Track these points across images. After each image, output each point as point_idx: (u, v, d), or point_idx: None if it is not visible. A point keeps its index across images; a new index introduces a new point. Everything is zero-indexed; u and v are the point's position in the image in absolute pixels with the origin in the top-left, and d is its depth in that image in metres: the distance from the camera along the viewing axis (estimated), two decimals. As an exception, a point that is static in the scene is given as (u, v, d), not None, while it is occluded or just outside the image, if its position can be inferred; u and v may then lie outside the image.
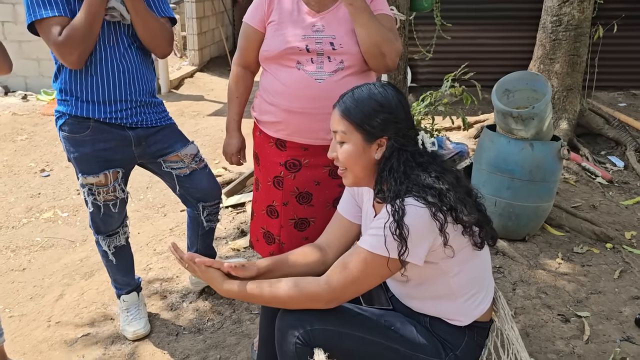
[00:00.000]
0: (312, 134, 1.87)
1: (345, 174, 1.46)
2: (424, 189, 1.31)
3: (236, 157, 2.14)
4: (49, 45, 1.86)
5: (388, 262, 1.31)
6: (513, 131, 2.85)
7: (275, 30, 1.85)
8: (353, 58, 1.82)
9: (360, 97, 1.41)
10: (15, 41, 6.85)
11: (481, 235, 1.39)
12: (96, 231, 2.22)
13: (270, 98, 1.90)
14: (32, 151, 4.88)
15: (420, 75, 6.64)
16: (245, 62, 2.01)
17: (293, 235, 1.99)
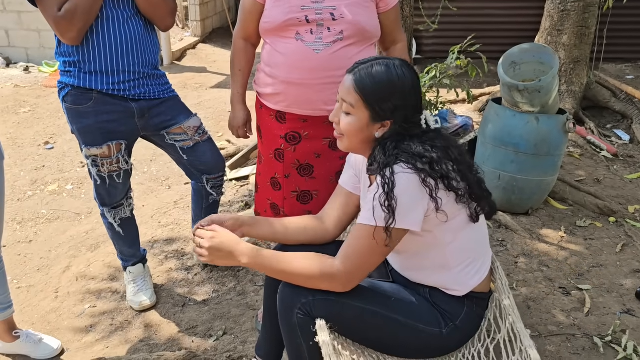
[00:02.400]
0: (311, 105, 1.87)
1: (342, 139, 1.46)
2: (414, 157, 1.31)
3: (242, 130, 2.14)
4: (48, 21, 1.85)
5: (374, 232, 1.31)
6: (519, 104, 2.82)
7: (275, 2, 1.83)
8: (353, 28, 1.80)
9: (377, 75, 1.37)
10: (15, 12, 6.78)
11: (477, 209, 1.40)
12: (101, 203, 2.23)
13: (270, 70, 1.89)
14: (36, 124, 4.88)
15: (425, 47, 6.56)
16: (245, 35, 1.99)
17: (296, 208, 2.01)
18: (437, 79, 3.96)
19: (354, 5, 1.80)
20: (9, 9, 6.78)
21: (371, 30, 1.85)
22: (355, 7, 1.80)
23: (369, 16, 1.84)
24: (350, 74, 1.40)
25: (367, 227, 1.33)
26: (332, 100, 1.84)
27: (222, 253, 1.40)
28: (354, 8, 1.80)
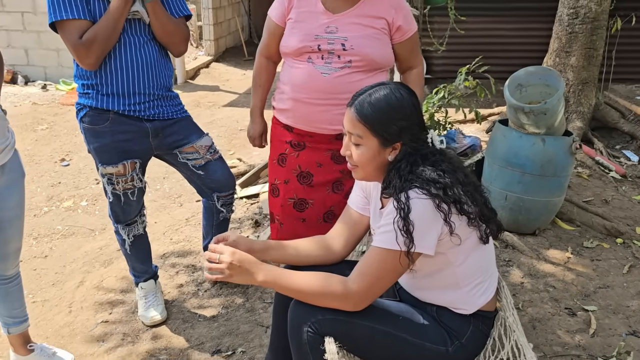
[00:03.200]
0: (316, 124, 1.98)
1: (357, 170, 1.51)
2: (428, 182, 1.36)
3: (259, 140, 2.29)
4: (68, 47, 1.93)
5: (400, 257, 1.36)
6: (525, 126, 2.87)
7: (292, 29, 1.95)
8: (362, 59, 1.89)
9: (377, 103, 1.42)
10: (35, 31, 6.98)
11: (486, 230, 1.44)
12: (115, 220, 2.30)
13: (283, 87, 2.03)
14: (53, 141, 4.99)
15: (435, 67, 6.63)
16: (267, 53, 2.13)
17: (291, 215, 2.10)
18: (445, 100, 4.02)
19: (366, 38, 1.88)
20: (28, 29, 6.98)
21: (381, 61, 1.93)
22: (366, 39, 1.88)
23: (380, 48, 1.92)
24: (351, 107, 1.45)
25: (384, 250, 1.37)
26: (336, 120, 1.92)
27: (241, 269, 1.43)
28: (365, 40, 1.88)
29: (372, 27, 1.91)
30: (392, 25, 1.93)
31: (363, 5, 1.91)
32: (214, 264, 1.43)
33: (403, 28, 1.95)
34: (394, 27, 1.94)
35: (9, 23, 6.94)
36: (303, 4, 1.95)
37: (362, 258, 1.44)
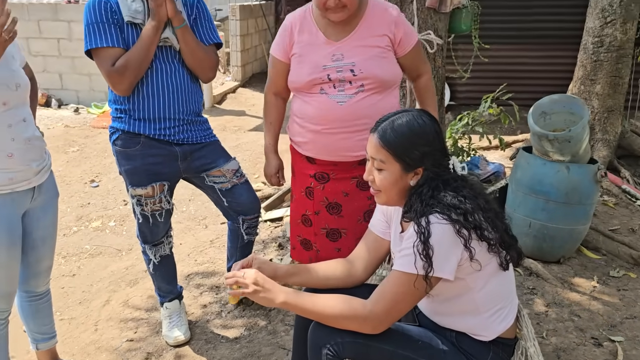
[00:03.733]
0: (338, 152, 1.99)
1: (379, 194, 1.53)
2: (449, 208, 1.38)
3: (275, 177, 2.28)
4: (102, 73, 2.02)
5: (419, 281, 1.37)
6: (549, 153, 2.86)
7: (298, 63, 1.98)
8: (373, 81, 1.92)
9: (399, 128, 1.45)
10: (69, 57, 7.24)
11: (507, 257, 1.45)
12: (143, 240, 2.36)
13: (299, 120, 2.04)
14: (83, 162, 5.14)
15: (459, 93, 6.66)
16: (275, 90, 2.16)
17: (326, 245, 2.10)
18: (469, 126, 4.04)
19: (372, 59, 1.91)
20: (63, 54, 7.25)
21: (391, 78, 1.96)
22: (373, 60, 1.91)
23: (388, 66, 1.95)
24: (374, 132, 1.49)
25: (404, 274, 1.39)
26: (358, 146, 1.95)
27: (263, 289, 1.46)
28: (372, 62, 1.91)
29: (376, 46, 1.94)
30: (394, 40, 1.97)
31: (362, 27, 1.94)
32: (239, 279, 1.47)
33: (405, 41, 1.98)
34: (396, 42, 1.97)
35: (46, 49, 7.22)
36: (304, 38, 1.98)
37: (382, 281, 1.46)
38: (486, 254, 1.41)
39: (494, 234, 1.41)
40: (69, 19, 7.08)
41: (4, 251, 1.74)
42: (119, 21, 2.01)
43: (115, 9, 2.00)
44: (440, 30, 3.18)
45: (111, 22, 1.99)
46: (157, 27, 1.99)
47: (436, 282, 1.40)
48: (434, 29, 3.11)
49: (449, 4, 3.07)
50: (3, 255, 1.74)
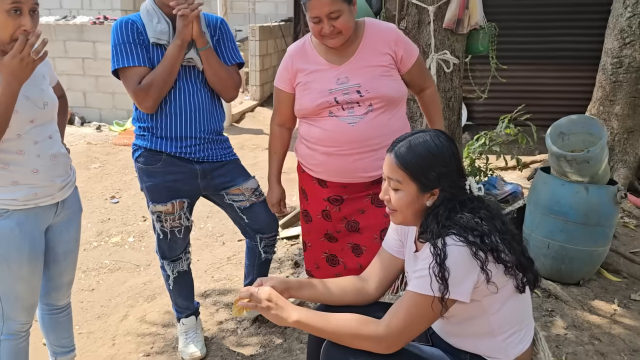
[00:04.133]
0: (350, 174, 2.00)
1: (395, 214, 1.54)
2: (465, 229, 1.37)
3: (277, 206, 2.30)
4: (128, 91, 2.07)
5: (433, 302, 1.37)
6: (567, 174, 2.85)
7: (303, 91, 2.01)
8: (381, 99, 1.94)
9: (416, 149, 1.46)
10: (93, 76, 7.41)
11: (523, 279, 1.44)
12: (162, 256, 2.39)
13: (308, 143, 2.06)
14: (104, 179, 5.23)
15: (476, 113, 6.65)
16: (280, 121, 2.20)
17: (352, 260, 2.12)
18: (486, 146, 4.03)
19: (377, 78, 1.94)
20: (88, 73, 7.43)
21: (397, 95, 1.98)
22: (378, 79, 1.94)
23: (393, 84, 1.98)
24: (391, 152, 1.49)
25: (419, 295, 1.39)
26: (371, 167, 1.97)
27: (276, 306, 1.47)
28: (377, 81, 1.93)
29: (380, 65, 1.96)
30: (396, 58, 1.99)
31: (363, 49, 1.97)
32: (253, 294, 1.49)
33: (406, 57, 2.01)
34: (398, 60, 2.00)
35: (71, 68, 7.41)
36: (307, 66, 2.01)
37: (397, 301, 1.46)
38: (503, 276, 1.40)
39: (511, 256, 1.40)
40: (94, 39, 7.27)
41: (26, 265, 1.78)
42: (144, 42, 2.07)
43: (141, 29, 2.07)
44: (457, 51, 3.21)
45: (137, 42, 2.05)
46: (181, 46, 2.04)
47: (451, 304, 1.39)
48: (451, 49, 3.15)
49: (467, 25, 3.10)
50: (25, 268, 1.78)
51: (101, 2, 10.58)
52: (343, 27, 1.87)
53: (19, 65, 1.57)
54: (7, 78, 1.58)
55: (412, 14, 3.18)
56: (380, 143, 1.95)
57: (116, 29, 2.07)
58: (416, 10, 3.15)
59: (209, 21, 2.21)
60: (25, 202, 1.74)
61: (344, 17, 1.86)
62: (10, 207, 1.72)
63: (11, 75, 1.58)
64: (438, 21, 3.10)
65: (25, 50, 1.57)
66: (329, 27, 1.86)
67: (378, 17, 3.50)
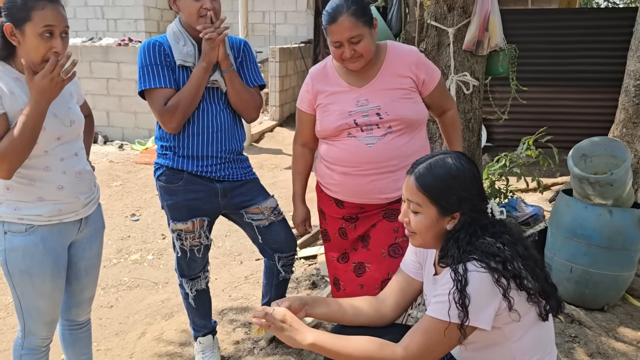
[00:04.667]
0: (367, 195, 2.00)
1: (415, 236, 1.52)
2: (487, 256, 1.35)
3: (302, 226, 2.32)
4: (154, 112, 2.11)
5: (452, 329, 1.35)
6: (590, 197, 2.80)
7: (324, 112, 2.03)
8: (400, 122, 1.93)
9: (437, 171, 1.44)
10: (117, 96, 7.57)
11: (546, 307, 1.41)
12: (181, 274, 2.40)
13: (328, 164, 2.07)
14: (125, 196, 5.30)
15: (496, 135, 6.62)
16: (303, 141, 2.22)
17: (352, 281, 2.10)
18: (507, 168, 4.00)
19: (397, 101, 1.94)
20: (111, 93, 7.59)
21: (417, 118, 1.98)
22: (398, 102, 1.94)
23: (414, 107, 1.97)
24: (411, 174, 1.48)
25: (437, 320, 1.37)
26: (387, 188, 1.96)
27: (291, 328, 1.47)
28: (397, 103, 1.93)
29: (400, 88, 1.96)
30: (417, 81, 1.99)
31: (384, 72, 1.97)
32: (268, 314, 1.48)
33: (428, 80, 2.00)
34: (419, 83, 1.99)
35: (95, 88, 7.58)
36: (327, 88, 2.03)
37: (415, 325, 1.43)
38: (525, 303, 1.37)
39: (534, 282, 1.37)
40: (118, 60, 7.44)
41: (48, 280, 1.80)
42: (171, 63, 2.11)
43: (167, 51, 2.11)
44: (477, 72, 3.21)
45: (164, 64, 2.09)
46: (207, 68, 2.08)
47: (471, 332, 1.37)
48: (471, 71, 3.15)
49: (486, 47, 3.10)
50: (47, 284, 1.81)
51: (126, 24, 10.87)
52: (364, 51, 1.88)
53: (49, 84, 1.62)
54: (36, 97, 1.63)
55: (431, 36, 3.21)
56: (398, 165, 1.95)
57: (143, 51, 2.12)
58: (436, 32, 3.17)
59: (232, 43, 2.25)
60: (49, 218, 1.77)
61: (365, 41, 1.87)
62: (35, 222, 1.75)
63: (41, 94, 1.63)
64: (458, 43, 3.11)
65: (55, 70, 1.63)
66: (350, 52, 1.87)
67: (397, 39, 3.52)
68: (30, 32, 1.62)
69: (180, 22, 2.14)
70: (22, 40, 1.64)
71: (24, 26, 1.62)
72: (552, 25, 6.31)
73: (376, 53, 1.98)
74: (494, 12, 3.04)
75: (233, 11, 9.91)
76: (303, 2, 10.74)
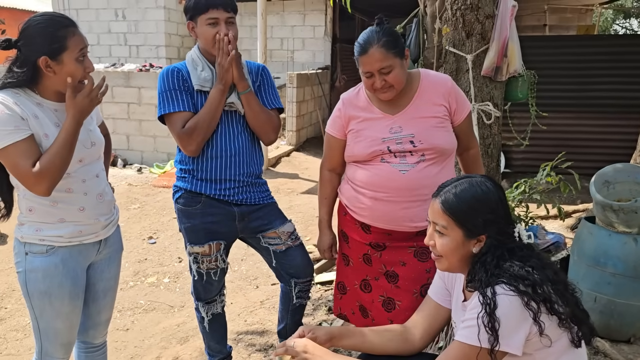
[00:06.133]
0: (397, 222, 1.96)
1: (441, 260, 1.50)
2: (516, 279, 1.32)
3: (329, 252, 2.28)
4: (173, 135, 2.13)
5: (482, 354, 1.32)
6: (614, 224, 2.74)
7: (356, 137, 2.01)
8: (435, 151, 1.92)
9: (462, 194, 1.44)
10: (137, 120, 7.70)
11: (578, 333, 1.37)
12: (197, 298, 2.39)
13: (357, 187, 2.03)
14: (143, 219, 5.34)
15: (514, 161, 6.57)
16: (331, 166, 2.20)
17: (381, 314, 2.04)
18: (526, 194, 3.94)
19: (431, 129, 1.92)
20: (132, 117, 7.72)
21: (449, 147, 1.96)
22: (432, 130, 1.92)
23: (447, 135, 1.96)
24: (437, 197, 1.47)
25: (467, 346, 1.34)
26: (417, 217, 1.93)
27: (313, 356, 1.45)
28: (431, 132, 1.92)
29: (434, 117, 1.95)
30: (450, 109, 1.98)
31: (418, 100, 1.96)
32: (289, 349, 1.47)
33: (460, 109, 1.99)
34: (452, 111, 1.98)
35: (116, 112, 7.73)
36: (360, 114, 2.02)
37: (444, 352, 1.40)
38: (557, 328, 1.34)
39: (565, 307, 1.34)
40: (139, 85, 7.59)
41: (67, 301, 1.81)
42: (189, 88, 2.14)
43: (186, 77, 2.14)
44: (496, 98, 3.20)
45: (182, 89, 2.12)
46: (223, 90, 2.10)
47: (502, 357, 1.33)
48: (489, 97, 3.14)
49: (505, 73, 3.10)
50: (66, 305, 1.81)
51: (148, 51, 11.12)
52: (395, 82, 1.88)
53: (89, 104, 1.72)
54: (75, 115, 1.70)
55: (450, 62, 3.21)
56: (429, 194, 1.90)
57: (163, 77, 2.15)
58: (454, 58, 3.18)
59: (251, 68, 2.28)
60: (70, 239, 1.78)
61: (396, 71, 1.87)
62: (55, 243, 1.76)
63: (80, 113, 1.71)
64: (476, 69, 3.11)
65: (94, 91, 1.72)
66: (380, 82, 1.88)
67: (415, 65, 3.54)
68: (68, 59, 1.69)
69: (198, 48, 2.18)
70: (58, 70, 1.69)
71: (61, 56, 1.68)
72: (573, 52, 6.30)
73: (409, 81, 1.98)
74: (512, 38, 3.04)
75: (252, 38, 10.10)
76: (321, 29, 10.90)
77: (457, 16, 3.09)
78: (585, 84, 6.29)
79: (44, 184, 1.65)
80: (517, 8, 3.10)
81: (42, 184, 1.65)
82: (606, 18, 18.84)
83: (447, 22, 3.17)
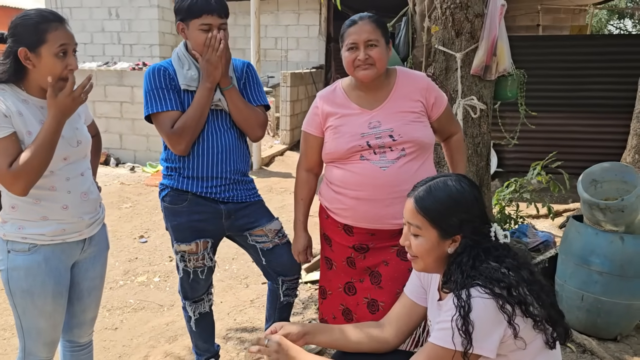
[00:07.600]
0: (379, 220, 1.95)
1: (416, 260, 1.50)
2: (492, 281, 1.32)
3: (303, 254, 2.24)
4: (162, 135, 2.12)
5: (455, 357, 1.31)
6: (601, 223, 2.76)
7: (334, 134, 1.99)
8: (413, 144, 1.92)
9: (437, 194, 1.43)
10: (130, 119, 7.68)
11: (553, 334, 1.37)
12: (184, 296, 2.38)
13: (338, 188, 2.01)
14: (134, 218, 5.32)
15: (506, 160, 6.58)
16: (308, 166, 2.18)
17: (366, 316, 2.03)
18: (517, 193, 3.96)
19: (409, 124, 1.93)
20: (125, 116, 7.70)
21: (428, 141, 1.97)
22: (410, 125, 1.93)
23: (425, 130, 1.97)
24: (411, 197, 1.46)
25: (441, 348, 1.34)
26: (400, 213, 1.91)
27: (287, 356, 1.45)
28: (410, 126, 1.92)
29: (411, 112, 1.96)
30: (427, 105, 1.99)
31: (395, 96, 1.97)
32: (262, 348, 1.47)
33: (437, 104, 2.01)
34: (429, 106, 2.00)
35: (109, 111, 7.71)
36: (338, 111, 2.01)
37: (418, 352, 1.40)
38: (531, 330, 1.33)
39: (540, 309, 1.34)
40: (132, 84, 7.57)
41: (50, 300, 1.80)
42: (176, 87, 2.13)
43: (172, 75, 2.13)
44: (485, 97, 3.21)
45: (169, 87, 2.11)
46: (210, 88, 2.09)
47: (475, 359, 1.33)
48: (478, 95, 3.15)
49: (494, 72, 3.11)
50: (49, 304, 1.80)
51: (141, 49, 11.09)
52: (377, 59, 1.90)
53: (71, 103, 1.69)
54: (57, 114, 1.68)
55: (439, 61, 3.22)
56: (409, 190, 1.92)
57: (149, 76, 2.14)
58: (443, 57, 3.19)
59: (236, 65, 2.27)
60: (52, 237, 1.78)
61: (380, 49, 1.90)
62: (38, 242, 1.76)
63: (61, 112, 1.68)
64: (465, 67, 3.12)
65: (77, 89, 1.69)
66: (364, 55, 1.88)
67: (405, 64, 3.54)
68: (46, 53, 1.67)
69: (185, 46, 2.17)
70: (37, 63, 1.68)
71: (40, 49, 1.66)
72: (562, 52, 6.32)
73: (386, 77, 2.00)
74: (501, 37, 3.05)
75: (246, 37, 10.09)
76: (315, 28, 10.91)
77: (447, 15, 3.10)
78: (575, 84, 6.31)
79: (20, 183, 1.64)
80: (509, 8, 3.12)
81: (18, 183, 1.63)
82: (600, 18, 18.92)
83: (436, 20, 3.18)
